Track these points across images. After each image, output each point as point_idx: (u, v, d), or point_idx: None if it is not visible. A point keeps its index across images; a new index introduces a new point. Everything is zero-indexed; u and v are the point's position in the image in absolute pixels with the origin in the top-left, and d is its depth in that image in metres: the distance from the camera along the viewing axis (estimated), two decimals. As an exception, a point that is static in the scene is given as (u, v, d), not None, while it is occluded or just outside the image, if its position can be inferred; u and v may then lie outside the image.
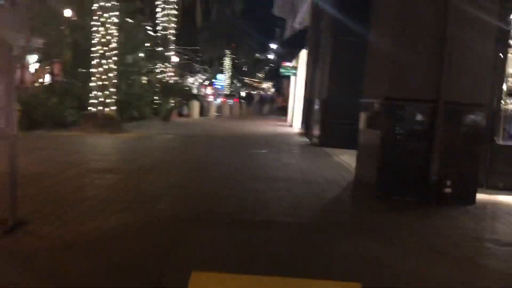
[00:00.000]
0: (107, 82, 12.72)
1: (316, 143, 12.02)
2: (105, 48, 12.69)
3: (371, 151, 6.22)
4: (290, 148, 11.80)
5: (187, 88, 23.79)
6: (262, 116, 28.53)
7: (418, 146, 5.76)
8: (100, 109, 12.59)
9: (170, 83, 20.73)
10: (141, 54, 18.17)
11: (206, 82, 67.60)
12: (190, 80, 71.23)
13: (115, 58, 12.97)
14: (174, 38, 21.24)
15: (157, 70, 20.10)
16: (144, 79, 18.17)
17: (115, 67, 13.00)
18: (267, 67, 62.41)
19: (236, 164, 8.33)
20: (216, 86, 60.97)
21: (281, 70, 20.89)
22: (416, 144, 5.78)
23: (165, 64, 20.48)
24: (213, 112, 24.64)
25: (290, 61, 22.47)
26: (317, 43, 15.06)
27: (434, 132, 5.67)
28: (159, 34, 20.29)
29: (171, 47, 20.80)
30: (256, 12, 53.26)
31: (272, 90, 56.29)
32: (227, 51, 58.84)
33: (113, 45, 12.86)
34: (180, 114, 21.95)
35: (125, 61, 15.59)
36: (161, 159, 8.49)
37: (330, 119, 11.57)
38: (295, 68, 20.68)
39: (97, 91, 12.65)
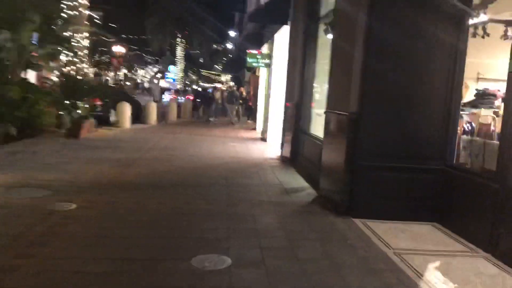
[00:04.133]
0: None
1: (334, 203, 5.90)
2: None
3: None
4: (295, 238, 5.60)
5: (114, 85, 16.93)
6: (217, 124, 21.15)
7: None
8: None
9: (80, 79, 13.89)
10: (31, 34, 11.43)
11: (159, 75, 60.55)
12: (141, 72, 63.83)
13: None
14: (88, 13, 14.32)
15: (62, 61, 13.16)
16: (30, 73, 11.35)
17: None
18: (225, 58, 56.10)
19: None
20: (167, 79, 53.95)
21: (248, 59, 14.57)
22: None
23: (74, 51, 13.60)
24: (153, 118, 17.97)
25: (259, 46, 16.16)
26: (316, 10, 8.90)
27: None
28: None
29: (84, 27, 13.91)
30: (212, -6, 46.68)
31: (232, 84, 49.75)
32: (179, 40, 52.23)
33: None
34: (106, 123, 15.33)
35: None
36: None
37: (364, 159, 5.49)
38: (268, 56, 14.41)
39: None
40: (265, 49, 15.96)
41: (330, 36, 8.21)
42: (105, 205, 5.59)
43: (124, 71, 49.57)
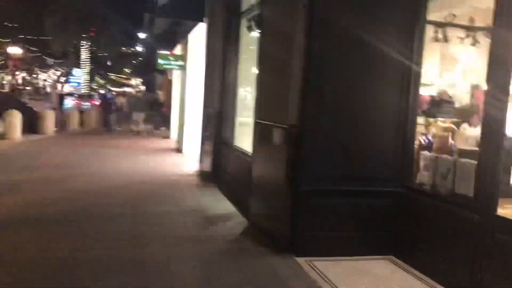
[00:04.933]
0: None
1: (271, 236, 4.77)
2: None
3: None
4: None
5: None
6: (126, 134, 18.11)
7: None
8: None
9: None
10: None
11: (63, 79, 56.05)
12: (42, 76, 58.83)
13: None
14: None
15: None
16: None
17: None
18: (135, 62, 53.31)
19: None
20: (71, 83, 49.97)
21: (160, 61, 13.05)
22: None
23: None
24: (50, 127, 15.71)
25: (171, 47, 14.71)
26: (236, 3, 7.78)
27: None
28: None
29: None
30: (120, -7, 43.95)
31: (143, 88, 47.28)
32: (84, 42, 48.55)
33: None
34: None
35: None
36: None
37: (307, 182, 4.41)
38: (182, 58, 13.02)
39: None
40: (178, 50, 14.54)
41: (255, 34, 7.13)
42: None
43: (23, 74, 45.10)
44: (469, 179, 3.73)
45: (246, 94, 7.80)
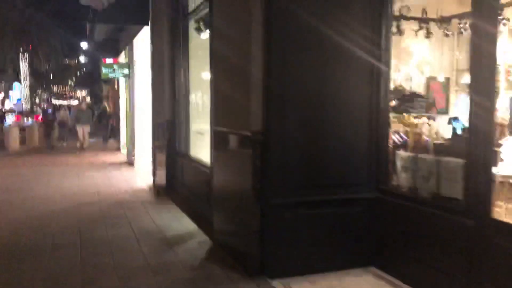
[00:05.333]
0: None
1: (240, 256, 4.25)
2: None
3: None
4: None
5: None
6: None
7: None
8: None
9: None
10: None
11: (1, 95, 53.13)
12: (-21, 94, 55.38)
13: None
14: None
15: None
16: None
17: None
18: (79, 73, 51.23)
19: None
20: (11, 100, 47.24)
21: (103, 70, 12.20)
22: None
23: None
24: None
25: (115, 55, 13.87)
26: (183, 3, 7.26)
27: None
28: None
29: None
30: (59, 3, 41.84)
31: (88, 100, 45.37)
32: (22, 54, 46.04)
33: None
34: None
35: None
36: None
37: (276, 194, 3.92)
38: (126, 66, 12.24)
39: None
40: (123, 58, 13.73)
41: (204, 35, 6.61)
42: None
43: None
44: (456, 179, 3.37)
45: (199, 101, 7.26)
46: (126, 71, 12.11)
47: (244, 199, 4.12)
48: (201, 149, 6.67)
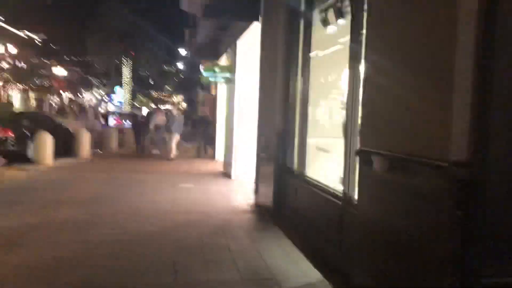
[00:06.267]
0: None
1: None
2: None
3: None
4: None
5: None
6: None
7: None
8: None
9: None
10: None
11: (106, 98, 56.37)
12: (87, 96, 59.59)
13: None
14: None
15: None
16: None
17: None
18: (176, 79, 52.75)
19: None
20: (112, 101, 49.73)
21: (204, 73, 11.36)
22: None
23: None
24: (85, 150, 14.31)
25: (215, 58, 13.03)
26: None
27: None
28: None
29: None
30: (160, 10, 43.36)
31: (184, 105, 46.14)
32: (125, 59, 48.30)
33: None
34: (24, 160, 11.76)
35: None
36: None
37: (488, 270, 2.35)
38: (229, 68, 11.28)
39: None
40: (224, 61, 12.85)
41: (334, 28, 5.30)
42: None
43: (69, 95, 45.46)
44: None
45: (321, 110, 5.92)
46: (227, 75, 11.15)
47: (424, 264, 2.65)
48: (323, 170, 5.31)
